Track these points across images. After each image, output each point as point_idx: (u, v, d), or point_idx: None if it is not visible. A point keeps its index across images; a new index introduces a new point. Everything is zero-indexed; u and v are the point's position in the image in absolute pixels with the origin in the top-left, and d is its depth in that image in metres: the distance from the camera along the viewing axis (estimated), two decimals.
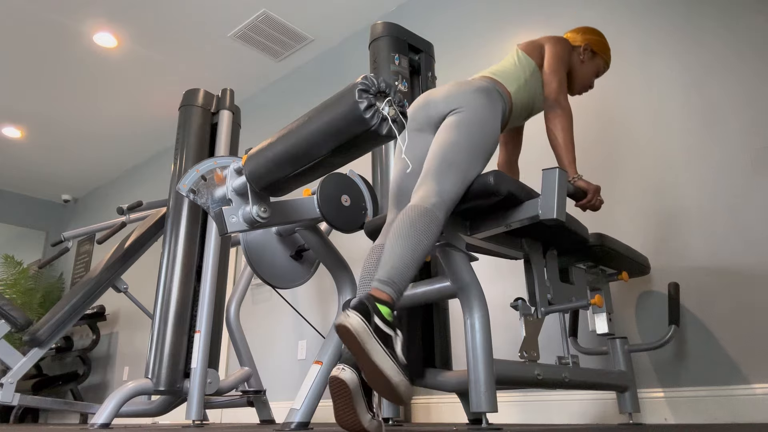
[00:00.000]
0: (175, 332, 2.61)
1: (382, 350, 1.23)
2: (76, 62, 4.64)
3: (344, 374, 1.29)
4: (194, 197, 1.75)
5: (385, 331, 1.27)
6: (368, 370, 1.24)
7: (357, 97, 1.29)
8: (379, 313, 1.28)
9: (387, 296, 1.31)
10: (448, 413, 2.82)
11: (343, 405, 1.30)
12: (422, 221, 1.39)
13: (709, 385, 2.14)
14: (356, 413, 1.28)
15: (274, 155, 1.50)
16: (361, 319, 1.25)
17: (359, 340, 1.24)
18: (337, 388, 1.31)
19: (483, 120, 1.60)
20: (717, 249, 2.26)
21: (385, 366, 1.22)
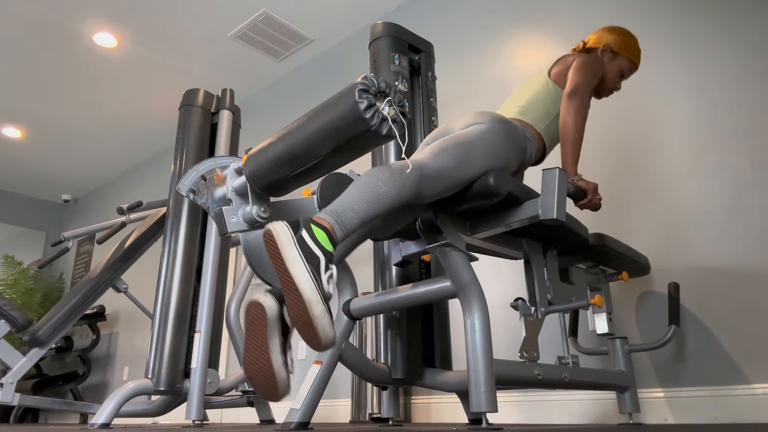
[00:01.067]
0: (175, 332, 2.61)
1: (301, 263, 1.12)
2: (76, 62, 4.64)
3: (265, 299, 1.20)
4: (194, 197, 1.75)
5: (312, 249, 1.16)
6: (283, 282, 1.12)
7: (357, 97, 1.29)
8: (311, 231, 1.18)
9: (325, 222, 1.21)
10: (448, 413, 2.82)
11: (255, 337, 1.19)
12: (385, 172, 1.33)
13: (709, 385, 2.14)
14: (267, 349, 1.17)
15: (274, 155, 1.50)
16: (288, 228, 1.16)
17: (278, 245, 1.13)
18: (252, 314, 1.20)
19: (497, 137, 1.55)
20: (717, 249, 2.26)
21: (301, 279, 1.11)
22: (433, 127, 2.36)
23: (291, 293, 1.12)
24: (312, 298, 1.10)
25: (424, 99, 2.38)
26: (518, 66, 3.15)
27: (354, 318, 1.83)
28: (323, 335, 1.11)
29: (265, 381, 1.20)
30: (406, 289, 1.69)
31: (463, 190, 1.52)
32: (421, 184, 1.37)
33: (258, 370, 1.19)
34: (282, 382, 1.19)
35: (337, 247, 1.27)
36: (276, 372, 1.18)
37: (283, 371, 1.19)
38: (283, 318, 1.21)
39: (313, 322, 1.10)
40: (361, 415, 2.88)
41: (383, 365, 1.94)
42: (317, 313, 1.10)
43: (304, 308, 1.10)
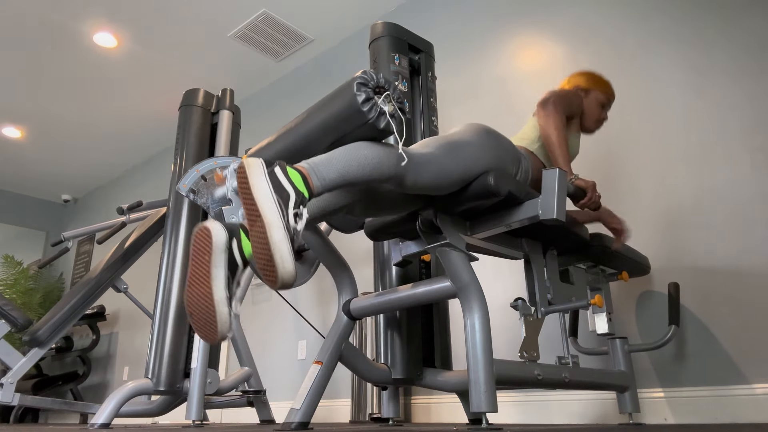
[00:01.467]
0: (175, 332, 2.61)
1: (268, 191, 1.08)
2: (76, 62, 4.64)
3: (213, 225, 1.14)
4: (194, 197, 1.75)
5: (283, 184, 1.12)
6: (247, 211, 1.07)
7: (355, 90, 1.29)
8: (285, 170, 1.14)
9: (302, 167, 1.18)
10: (448, 413, 2.82)
11: (198, 265, 1.12)
12: (370, 143, 1.30)
13: (709, 385, 2.14)
14: (209, 278, 1.10)
15: (275, 153, 1.50)
16: (262, 162, 1.13)
17: (247, 174, 1.09)
18: (198, 240, 1.14)
19: (484, 139, 1.55)
20: (717, 249, 2.26)
21: (264, 204, 1.06)
22: (433, 126, 2.36)
23: (254, 222, 1.06)
24: (273, 222, 1.05)
25: (424, 99, 2.38)
26: (518, 66, 3.16)
27: (354, 318, 1.83)
28: (281, 265, 1.03)
29: (205, 315, 1.13)
30: (406, 289, 1.69)
31: (463, 189, 1.51)
32: (406, 168, 1.33)
33: (198, 303, 1.13)
34: (222, 318, 1.11)
35: (314, 199, 1.22)
36: (216, 304, 1.11)
37: (225, 306, 1.12)
38: (232, 253, 1.15)
39: (271, 249, 1.03)
40: (361, 415, 2.88)
41: (383, 365, 1.94)
42: (276, 237, 1.04)
43: (264, 234, 1.04)
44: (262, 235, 1.05)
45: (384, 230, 1.77)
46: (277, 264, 1.04)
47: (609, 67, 2.78)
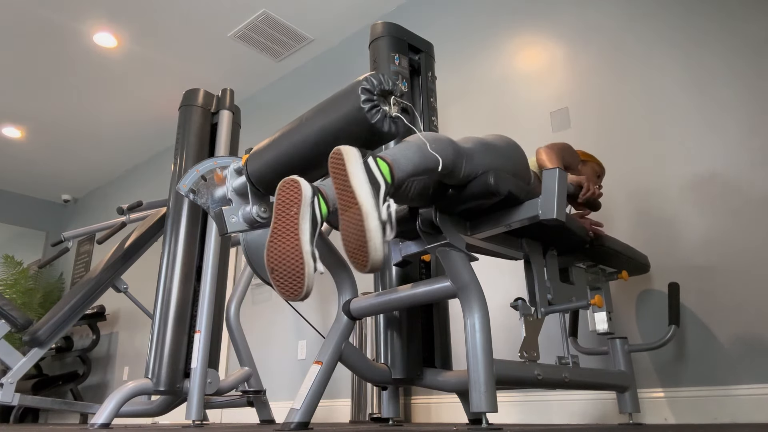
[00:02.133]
0: (175, 332, 2.61)
1: (365, 180, 1.12)
2: (76, 62, 4.64)
3: (300, 179, 1.19)
4: (194, 197, 1.75)
5: (376, 175, 1.17)
6: (342, 198, 1.11)
7: (360, 96, 1.29)
8: (375, 161, 1.19)
9: (387, 159, 1.23)
10: (448, 413, 2.82)
11: (285, 217, 1.15)
12: (430, 136, 1.36)
13: (709, 385, 2.14)
14: (298, 230, 1.13)
15: (277, 154, 1.50)
16: (357, 151, 1.17)
17: (345, 161, 1.13)
18: (286, 191, 1.18)
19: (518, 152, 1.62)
20: (717, 249, 2.26)
21: (362, 193, 1.10)
22: (433, 126, 2.36)
23: (349, 208, 1.11)
24: (370, 211, 1.10)
25: (424, 99, 2.38)
26: (518, 66, 3.16)
27: (354, 318, 1.83)
28: (373, 252, 1.09)
29: (291, 268, 1.13)
30: (406, 289, 1.69)
31: (463, 189, 1.51)
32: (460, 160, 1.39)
33: (284, 256, 1.13)
34: (309, 270, 1.13)
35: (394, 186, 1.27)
36: (305, 255, 1.12)
37: (311, 260, 1.13)
38: (314, 211, 1.19)
39: (366, 235, 1.08)
40: (361, 415, 2.88)
41: (383, 365, 1.94)
42: (372, 225, 1.09)
43: (360, 220, 1.09)
44: (358, 221, 1.09)
45: None
46: (369, 251, 1.09)
47: (609, 67, 2.78)
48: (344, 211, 1.13)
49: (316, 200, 1.22)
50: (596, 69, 2.83)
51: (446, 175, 1.41)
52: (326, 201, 1.28)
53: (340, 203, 1.14)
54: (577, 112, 2.83)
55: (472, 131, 3.26)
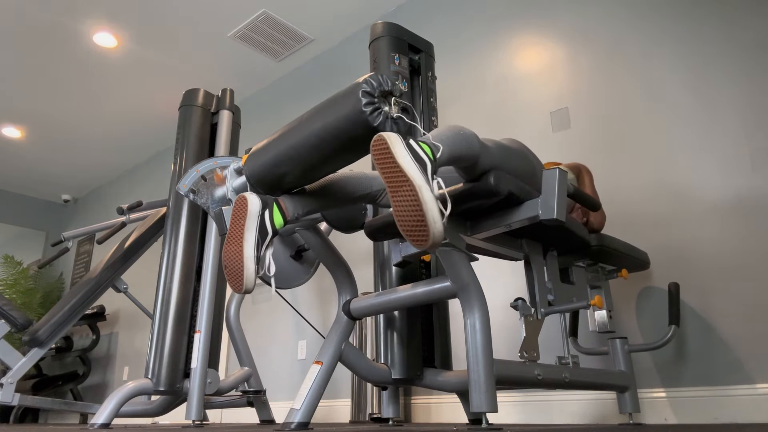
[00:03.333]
0: (175, 332, 2.61)
1: (411, 159, 1.16)
2: (76, 62, 4.64)
3: (250, 196, 1.40)
4: (194, 197, 1.75)
5: (420, 154, 1.20)
6: (391, 180, 1.14)
7: (361, 99, 1.29)
8: (418, 143, 1.23)
9: (428, 141, 1.27)
10: (448, 413, 2.82)
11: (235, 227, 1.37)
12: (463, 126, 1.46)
13: (709, 385, 2.14)
14: (242, 239, 1.35)
15: (276, 155, 1.50)
16: (399, 135, 1.22)
17: (389, 144, 1.17)
18: (237, 207, 1.40)
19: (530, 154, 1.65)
20: (717, 248, 2.26)
21: (410, 170, 1.13)
22: (433, 126, 2.35)
23: (400, 187, 1.13)
24: (422, 184, 1.12)
25: (424, 99, 2.38)
26: (518, 66, 3.16)
27: (354, 318, 1.83)
28: (432, 224, 1.09)
29: (234, 268, 1.37)
30: (406, 289, 1.69)
31: (463, 188, 1.51)
32: (482, 151, 1.43)
33: (231, 258, 1.38)
34: (248, 272, 1.35)
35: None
36: (245, 260, 1.34)
37: (252, 263, 1.35)
38: (264, 220, 1.39)
39: (423, 207, 1.10)
40: (361, 415, 2.88)
41: (383, 365, 1.94)
42: (427, 197, 1.11)
43: (415, 195, 1.10)
44: (412, 197, 1.11)
45: (384, 230, 1.77)
46: (429, 223, 1.09)
47: (609, 67, 2.78)
48: (395, 193, 1.15)
49: (266, 213, 1.41)
50: (596, 69, 2.83)
51: (470, 166, 1.44)
52: (284, 212, 1.46)
53: (390, 186, 1.16)
54: (577, 112, 2.83)
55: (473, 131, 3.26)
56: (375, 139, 1.20)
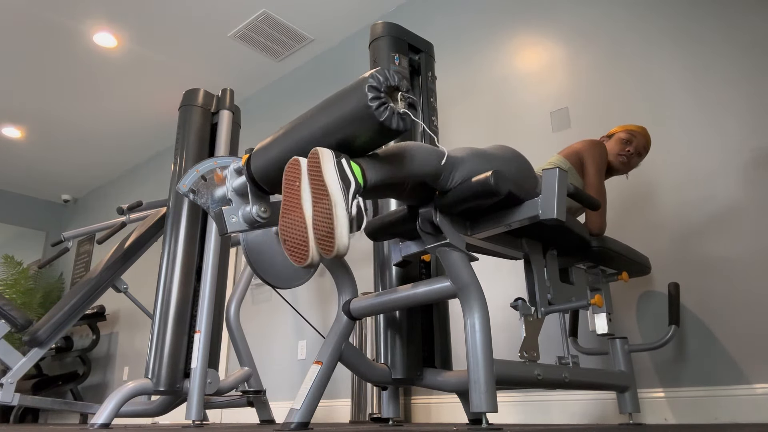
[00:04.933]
0: (175, 332, 2.61)
1: (336, 176, 1.26)
2: (76, 62, 4.64)
3: (302, 160, 1.36)
4: (194, 197, 1.75)
5: (347, 174, 1.29)
6: (315, 192, 1.26)
7: (367, 94, 1.29)
8: (348, 162, 1.31)
9: (361, 163, 1.34)
10: (448, 413, 2.82)
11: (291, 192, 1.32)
12: (421, 144, 1.49)
13: (709, 385, 2.14)
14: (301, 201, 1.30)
15: (281, 151, 1.49)
16: (332, 153, 1.30)
17: (320, 159, 1.27)
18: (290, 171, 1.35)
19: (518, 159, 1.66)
20: (717, 249, 2.26)
21: (332, 186, 1.24)
22: (433, 126, 2.36)
23: (321, 199, 1.25)
24: (338, 201, 1.23)
25: (424, 99, 2.38)
26: (518, 66, 3.16)
27: (354, 318, 1.83)
28: (339, 237, 1.21)
29: (299, 238, 1.28)
30: (406, 289, 1.69)
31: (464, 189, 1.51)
32: (444, 167, 1.48)
33: (292, 227, 1.30)
34: (340, 227, 1.25)
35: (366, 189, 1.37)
36: (307, 222, 1.27)
37: (344, 213, 1.26)
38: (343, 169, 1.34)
39: (334, 222, 1.21)
40: (361, 415, 2.88)
41: (383, 365, 1.94)
42: (340, 213, 1.22)
43: (329, 209, 1.22)
44: (327, 210, 1.23)
45: (384, 230, 1.77)
46: (336, 236, 1.21)
47: (609, 67, 2.78)
48: (316, 203, 1.27)
49: (344, 161, 1.34)
50: (596, 69, 2.83)
51: (432, 182, 1.50)
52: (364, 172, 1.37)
53: (314, 196, 1.28)
54: (577, 112, 2.83)
55: (473, 131, 3.26)
56: (311, 152, 1.30)
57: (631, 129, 2.20)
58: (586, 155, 2.06)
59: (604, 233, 2.01)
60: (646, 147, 2.22)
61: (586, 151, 2.07)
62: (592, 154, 2.05)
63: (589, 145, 2.08)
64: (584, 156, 2.06)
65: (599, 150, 2.08)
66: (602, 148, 2.09)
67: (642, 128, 2.21)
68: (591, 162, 2.04)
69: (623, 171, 2.21)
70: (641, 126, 2.21)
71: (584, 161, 2.05)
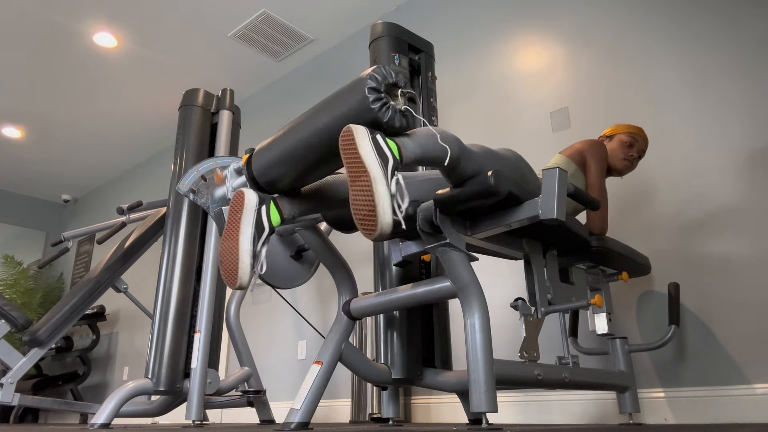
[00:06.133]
0: (175, 332, 2.61)
1: (373, 152, 1.21)
2: (76, 62, 4.64)
3: (248, 191, 1.39)
4: (194, 197, 1.75)
5: (384, 150, 1.25)
6: (352, 170, 1.20)
7: (368, 96, 1.29)
8: (385, 139, 1.27)
9: (396, 140, 1.30)
10: (448, 413, 2.82)
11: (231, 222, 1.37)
12: (446, 130, 1.49)
13: (709, 385, 2.14)
14: (239, 232, 1.34)
15: (282, 151, 1.49)
16: (366, 129, 1.25)
17: (354, 136, 1.22)
18: (235, 201, 1.39)
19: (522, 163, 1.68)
20: (717, 249, 2.26)
21: (370, 162, 1.19)
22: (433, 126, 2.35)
23: (359, 177, 1.19)
24: (378, 177, 1.17)
25: (424, 99, 2.38)
26: (518, 66, 3.16)
27: (354, 318, 1.83)
28: (382, 215, 1.15)
29: (231, 263, 1.35)
30: (406, 289, 1.69)
31: (463, 189, 1.51)
32: (461, 155, 1.45)
33: (227, 252, 1.37)
34: (243, 266, 1.34)
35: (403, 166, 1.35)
36: (240, 253, 1.33)
37: (248, 258, 1.34)
38: (260, 215, 1.39)
39: (375, 199, 1.15)
40: (361, 415, 2.88)
41: (383, 365, 1.94)
42: (381, 190, 1.16)
43: (369, 186, 1.16)
44: (367, 188, 1.17)
45: None
46: (379, 213, 1.15)
47: (609, 67, 2.78)
48: (354, 182, 1.20)
49: (263, 208, 1.41)
50: (596, 69, 2.83)
51: (449, 169, 1.46)
52: (281, 210, 1.47)
53: (350, 175, 1.21)
54: (577, 112, 2.83)
55: (473, 131, 3.26)
56: (344, 130, 1.25)
57: (632, 132, 2.20)
58: (588, 155, 2.06)
59: (606, 233, 2.01)
60: (645, 149, 2.23)
61: (589, 151, 2.07)
62: (594, 155, 2.06)
63: (591, 146, 2.08)
64: (587, 156, 2.06)
65: (601, 150, 2.08)
66: (603, 148, 2.09)
67: (641, 130, 2.21)
68: (593, 162, 2.05)
69: (624, 173, 2.21)
70: (640, 127, 2.22)
71: (586, 161, 2.06)
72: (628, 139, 2.18)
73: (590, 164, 2.05)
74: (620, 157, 2.17)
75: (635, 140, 2.19)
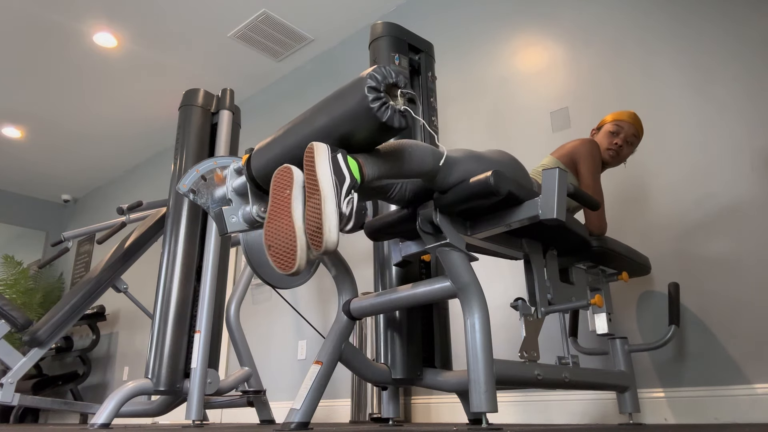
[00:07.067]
0: (175, 332, 2.61)
1: (329, 171, 1.24)
2: (76, 62, 4.64)
3: (294, 168, 1.33)
4: (194, 197, 1.75)
5: (342, 169, 1.27)
6: (309, 185, 1.24)
7: (367, 96, 1.29)
8: (345, 158, 1.29)
9: (359, 158, 1.33)
10: (448, 413, 2.82)
11: (279, 200, 1.29)
12: (419, 143, 1.48)
13: (709, 385, 2.14)
14: (290, 209, 1.26)
15: (282, 150, 1.49)
16: (328, 147, 1.28)
17: (315, 153, 1.26)
18: (280, 177, 1.32)
19: (513, 163, 1.68)
20: (717, 249, 2.26)
21: (323, 180, 1.22)
22: (433, 126, 2.36)
23: (312, 193, 1.22)
24: (328, 196, 1.21)
25: (424, 99, 2.38)
26: (518, 66, 3.16)
27: (354, 318, 1.83)
28: (327, 233, 1.18)
29: (285, 244, 1.24)
30: (406, 289, 1.69)
31: (464, 189, 1.51)
32: (441, 166, 1.48)
33: (278, 233, 1.25)
34: (301, 244, 1.22)
35: (363, 185, 1.36)
36: (297, 231, 1.23)
37: (304, 235, 1.23)
38: (337, 163, 1.31)
39: (323, 218, 1.19)
40: (361, 415, 2.88)
41: (383, 365, 1.94)
42: (329, 209, 1.20)
43: (319, 204, 1.20)
44: (317, 205, 1.21)
45: (384, 230, 1.77)
46: (324, 232, 1.19)
47: (609, 67, 2.78)
48: (309, 197, 1.24)
49: (340, 156, 1.33)
50: (597, 69, 2.83)
51: (428, 181, 1.50)
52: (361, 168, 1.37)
53: (307, 191, 1.25)
54: (577, 112, 2.83)
55: (472, 131, 3.26)
56: (308, 147, 1.29)
57: (618, 119, 2.16)
58: (578, 156, 2.03)
59: (605, 233, 2.00)
60: (636, 134, 2.17)
61: (579, 151, 2.04)
62: (585, 155, 2.03)
63: (581, 145, 2.06)
64: (577, 157, 2.03)
65: (592, 149, 2.05)
66: (594, 146, 2.07)
67: (630, 115, 2.17)
68: (584, 163, 2.02)
69: (615, 164, 2.19)
70: (630, 112, 2.18)
71: (577, 162, 2.03)
72: (613, 128, 2.16)
73: (582, 165, 2.02)
74: (605, 147, 2.15)
75: (620, 128, 2.15)
